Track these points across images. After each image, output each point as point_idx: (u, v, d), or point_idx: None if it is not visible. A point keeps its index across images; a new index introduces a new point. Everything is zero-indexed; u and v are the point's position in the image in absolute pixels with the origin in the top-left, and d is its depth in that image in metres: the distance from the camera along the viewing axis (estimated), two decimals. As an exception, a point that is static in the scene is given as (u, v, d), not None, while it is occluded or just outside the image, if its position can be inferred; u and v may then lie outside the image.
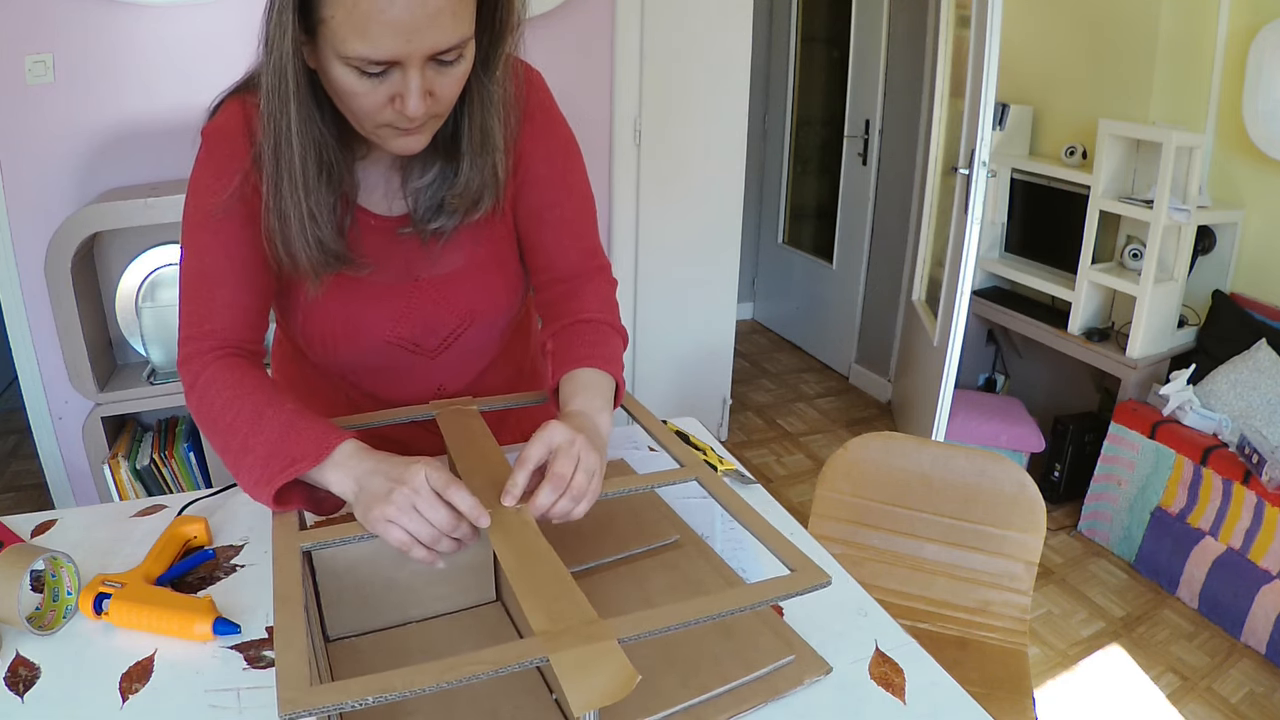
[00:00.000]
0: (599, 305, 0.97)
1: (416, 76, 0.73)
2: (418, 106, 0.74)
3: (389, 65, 0.72)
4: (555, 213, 0.97)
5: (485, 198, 0.90)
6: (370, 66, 0.72)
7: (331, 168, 0.83)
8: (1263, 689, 2.01)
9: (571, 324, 0.94)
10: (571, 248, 0.99)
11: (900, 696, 0.75)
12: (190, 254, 0.87)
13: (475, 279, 0.97)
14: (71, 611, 0.82)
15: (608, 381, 0.89)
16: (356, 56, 0.71)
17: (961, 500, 1.40)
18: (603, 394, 0.87)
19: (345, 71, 0.73)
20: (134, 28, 2.03)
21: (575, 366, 0.89)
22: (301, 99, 0.76)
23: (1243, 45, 2.44)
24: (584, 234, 1.00)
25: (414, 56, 0.71)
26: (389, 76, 0.73)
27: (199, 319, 0.86)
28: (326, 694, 0.55)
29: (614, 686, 0.56)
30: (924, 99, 3.16)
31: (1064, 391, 3.12)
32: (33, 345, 2.16)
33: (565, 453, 0.74)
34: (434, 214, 0.90)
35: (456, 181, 0.88)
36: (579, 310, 0.96)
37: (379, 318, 0.95)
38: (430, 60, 0.73)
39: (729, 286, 2.98)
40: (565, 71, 2.48)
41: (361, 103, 0.75)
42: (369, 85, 0.73)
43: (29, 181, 2.05)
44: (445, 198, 0.89)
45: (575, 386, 0.87)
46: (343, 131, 0.84)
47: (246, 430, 0.78)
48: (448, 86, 0.77)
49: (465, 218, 0.91)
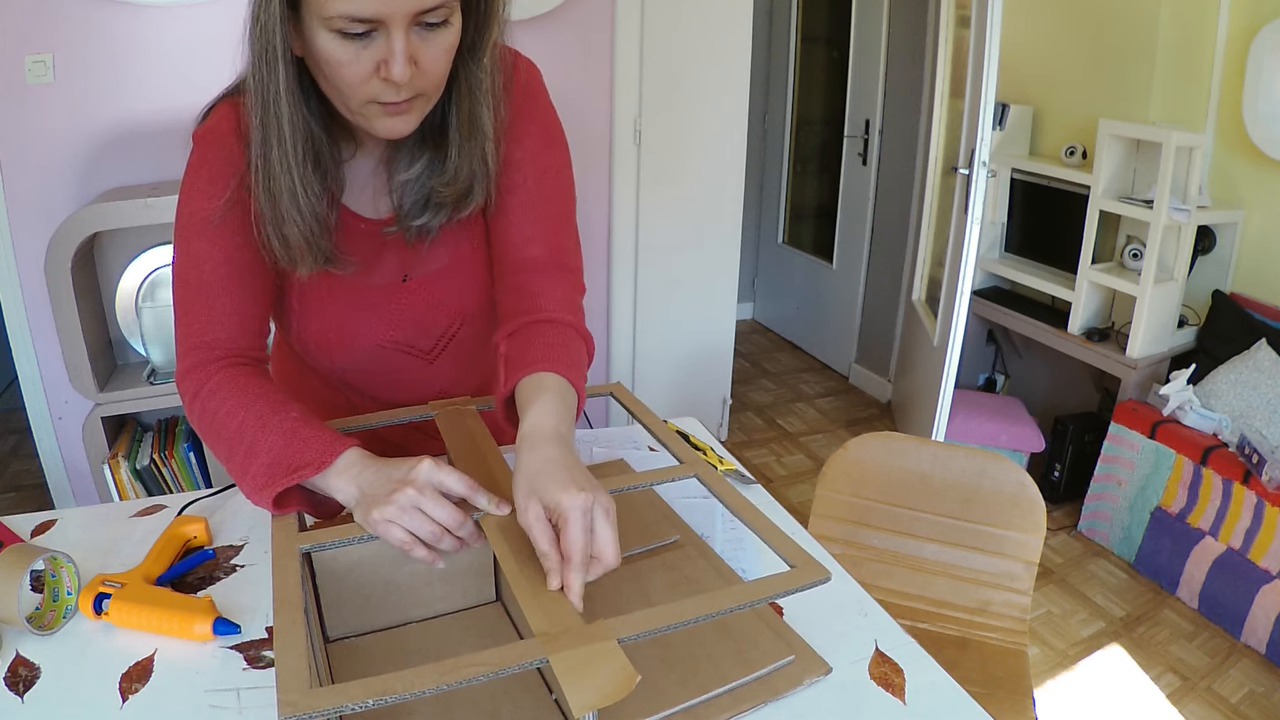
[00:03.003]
0: (560, 305, 0.89)
1: (400, 39, 0.71)
2: (402, 71, 0.72)
3: (372, 27, 0.71)
4: (519, 196, 0.91)
5: (475, 190, 0.87)
6: (353, 26, 0.70)
7: (319, 156, 0.82)
8: (1263, 689, 2.01)
9: (529, 323, 0.87)
10: (535, 238, 0.91)
11: (900, 696, 0.75)
12: (187, 263, 0.85)
13: (463, 275, 0.95)
14: (71, 611, 0.82)
15: (569, 390, 0.81)
16: (339, 14, 0.69)
17: (961, 500, 1.40)
18: (567, 404, 0.79)
19: (329, 39, 0.72)
20: (134, 28, 2.03)
21: (533, 370, 0.81)
22: (288, 77, 0.75)
23: (1243, 45, 2.44)
24: (553, 228, 0.93)
25: (397, 14, 0.70)
26: (373, 41, 0.72)
27: (200, 330, 0.85)
28: (327, 696, 0.54)
29: (614, 687, 0.56)
30: (924, 99, 3.16)
31: (1064, 391, 3.12)
32: (33, 345, 2.16)
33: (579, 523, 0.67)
34: (420, 209, 0.88)
35: (444, 171, 0.86)
36: (537, 308, 0.88)
37: (371, 321, 0.94)
38: (415, 24, 0.72)
39: (729, 286, 2.98)
40: (565, 71, 2.48)
41: (346, 73, 0.73)
42: (353, 51, 0.72)
43: (29, 181, 2.05)
44: (433, 189, 0.87)
45: (534, 392, 0.79)
46: (330, 131, 0.84)
47: (252, 436, 0.78)
48: (433, 57, 0.75)
49: (453, 214, 0.89)
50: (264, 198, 0.80)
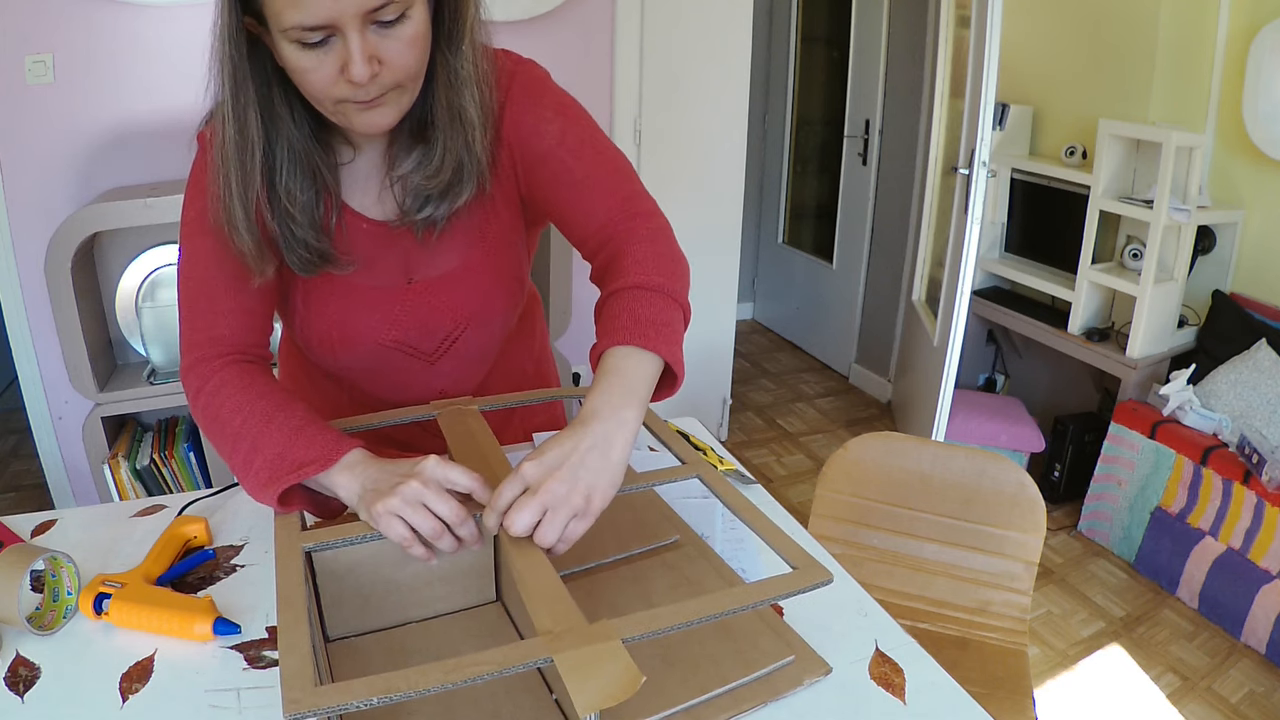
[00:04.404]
0: (640, 267, 0.81)
1: (356, 39, 0.71)
2: (361, 71, 0.72)
3: (328, 33, 0.71)
4: (564, 180, 0.89)
5: (465, 179, 0.86)
6: (309, 35, 0.71)
7: (310, 163, 0.83)
8: (1263, 689, 2.01)
9: (608, 296, 0.82)
10: (596, 208, 0.88)
11: (900, 696, 0.75)
12: (192, 261, 0.87)
13: (468, 282, 0.95)
14: (71, 611, 0.82)
15: (638, 360, 0.74)
16: (293, 26, 0.70)
17: (961, 500, 1.40)
18: (625, 381, 0.73)
19: (290, 49, 0.72)
20: (134, 28, 2.03)
21: (605, 347, 0.76)
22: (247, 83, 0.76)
23: (1243, 45, 2.44)
24: (606, 190, 0.89)
25: (346, 16, 0.70)
26: (332, 46, 0.72)
27: (203, 326, 0.86)
28: (331, 694, 0.54)
29: (618, 687, 0.56)
30: (924, 99, 3.16)
31: (1064, 391, 3.12)
32: (33, 345, 2.16)
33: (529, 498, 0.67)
34: (420, 204, 0.88)
35: (430, 162, 0.85)
36: (616, 278, 0.82)
37: (372, 321, 0.95)
38: (371, 22, 0.72)
39: (729, 286, 2.98)
40: (565, 71, 2.46)
41: (313, 79, 0.74)
42: (315, 58, 0.73)
43: (29, 181, 2.05)
44: (420, 181, 0.86)
45: (597, 375, 0.75)
46: (321, 137, 0.85)
47: (256, 433, 0.78)
48: (396, 51, 0.74)
49: (452, 204, 0.88)
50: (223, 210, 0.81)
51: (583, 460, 0.68)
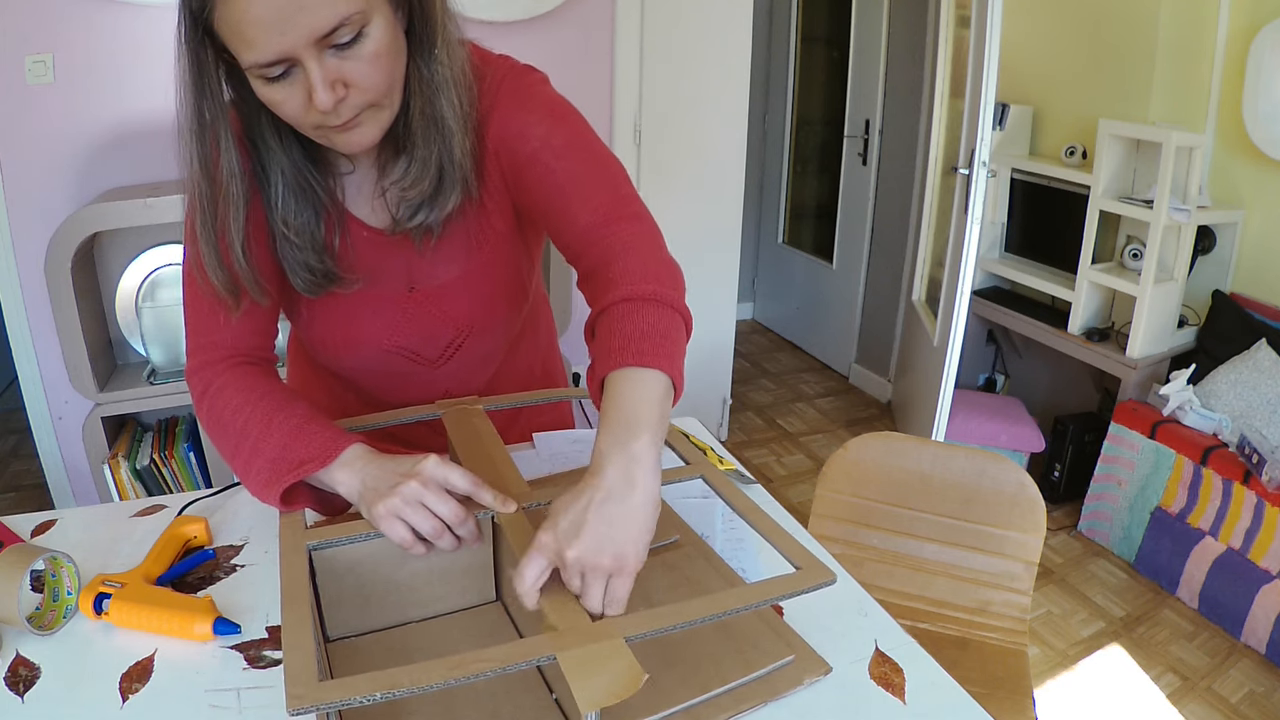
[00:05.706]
0: (629, 276, 0.77)
1: (315, 67, 0.70)
2: (325, 98, 0.71)
3: (287, 64, 0.71)
4: (549, 181, 0.85)
5: (447, 184, 0.85)
6: (268, 71, 0.71)
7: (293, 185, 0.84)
8: (1263, 689, 2.01)
9: (604, 308, 0.76)
10: (580, 211, 0.84)
11: (900, 696, 0.75)
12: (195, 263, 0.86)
13: (470, 289, 0.95)
14: (71, 611, 0.82)
15: (637, 382, 0.69)
16: (252, 65, 0.70)
17: (961, 500, 1.40)
18: (628, 411, 0.68)
19: (259, 85, 0.73)
20: (134, 28, 2.03)
21: (606, 370, 0.71)
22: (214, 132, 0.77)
23: (1243, 45, 2.44)
24: (591, 193, 0.85)
25: (299, 46, 0.69)
26: (295, 76, 0.72)
27: (208, 329, 0.86)
28: (334, 690, 0.55)
29: (621, 685, 0.56)
30: (924, 99, 3.16)
31: (1064, 391, 3.12)
32: (33, 345, 2.16)
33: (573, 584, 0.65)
34: (411, 211, 0.87)
35: (411, 171, 0.84)
36: (605, 291, 0.78)
37: (374, 328, 0.95)
38: (327, 47, 0.71)
39: (729, 286, 2.98)
40: (565, 71, 2.47)
41: (286, 110, 0.74)
42: (283, 91, 0.72)
43: (29, 181, 2.05)
44: (404, 189, 0.85)
45: (600, 409, 0.71)
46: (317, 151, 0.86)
47: (257, 434, 0.78)
48: (361, 72, 0.73)
49: (442, 211, 0.87)
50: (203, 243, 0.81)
51: (599, 516, 0.64)
